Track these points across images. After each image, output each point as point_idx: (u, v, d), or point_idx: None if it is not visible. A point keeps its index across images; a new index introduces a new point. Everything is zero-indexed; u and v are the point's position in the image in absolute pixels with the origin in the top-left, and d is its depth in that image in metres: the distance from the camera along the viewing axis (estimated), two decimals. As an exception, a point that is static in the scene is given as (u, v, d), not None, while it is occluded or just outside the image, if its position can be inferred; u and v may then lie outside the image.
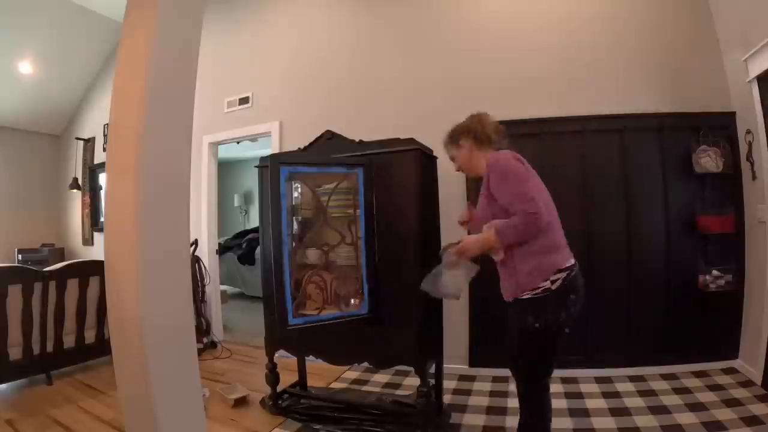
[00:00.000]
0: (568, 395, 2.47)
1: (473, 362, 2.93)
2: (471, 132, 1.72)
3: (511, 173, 1.53)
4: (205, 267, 3.85)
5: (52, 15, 4.32)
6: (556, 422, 2.15)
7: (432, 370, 2.31)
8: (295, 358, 2.66)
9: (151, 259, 1.27)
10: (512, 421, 2.20)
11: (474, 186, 2.93)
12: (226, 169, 7.70)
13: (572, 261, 1.57)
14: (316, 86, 3.49)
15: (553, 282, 1.50)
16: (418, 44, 3.19)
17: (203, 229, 3.94)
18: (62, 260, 4.64)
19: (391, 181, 2.10)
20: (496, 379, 2.77)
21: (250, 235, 6.53)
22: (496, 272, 1.72)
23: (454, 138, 1.78)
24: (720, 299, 2.64)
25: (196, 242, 3.77)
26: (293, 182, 2.17)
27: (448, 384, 2.67)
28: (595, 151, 2.79)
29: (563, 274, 1.51)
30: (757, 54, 2.35)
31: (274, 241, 2.01)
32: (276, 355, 2.48)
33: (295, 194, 2.23)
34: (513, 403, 2.41)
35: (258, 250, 5.55)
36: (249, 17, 3.91)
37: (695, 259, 2.68)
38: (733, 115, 2.67)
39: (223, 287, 5.08)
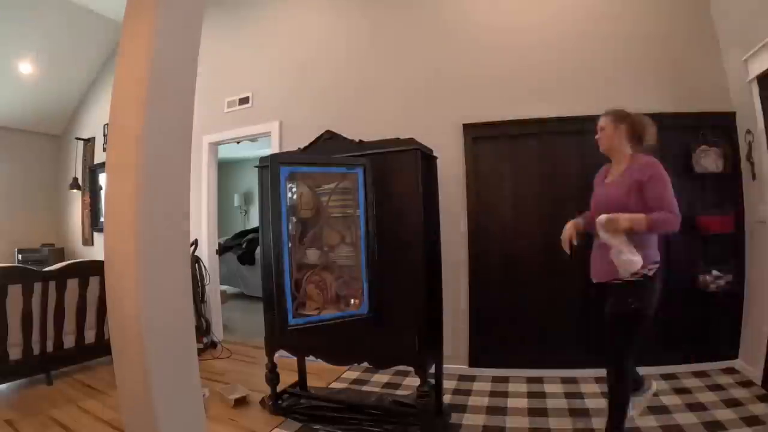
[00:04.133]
0: (568, 395, 2.47)
1: (473, 362, 2.93)
2: (632, 124, 1.89)
3: (668, 181, 1.80)
4: (205, 267, 3.85)
5: (52, 15, 4.32)
6: (555, 422, 2.16)
7: (432, 370, 2.31)
8: (295, 358, 2.66)
9: (151, 259, 1.27)
10: (512, 421, 2.20)
11: (474, 185, 2.93)
12: (226, 169, 7.70)
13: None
14: (316, 86, 3.49)
15: (650, 269, 1.77)
16: (418, 45, 3.19)
17: (203, 229, 3.94)
18: (62, 260, 4.64)
19: (391, 181, 2.11)
20: (496, 379, 2.77)
21: (250, 235, 6.53)
22: (495, 273, 1.81)
23: (617, 117, 1.92)
24: (720, 299, 2.64)
25: (196, 242, 3.77)
26: (293, 182, 2.17)
27: (448, 384, 2.67)
28: (595, 151, 2.76)
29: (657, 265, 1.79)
30: (757, 54, 2.35)
31: (274, 241, 2.01)
32: (276, 355, 2.48)
33: (294, 194, 2.23)
34: (513, 403, 2.41)
35: (258, 250, 5.55)
36: (249, 17, 3.91)
37: (695, 259, 2.68)
38: (733, 115, 2.67)
39: (223, 287, 5.08)
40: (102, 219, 5.05)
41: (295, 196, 2.19)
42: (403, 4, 3.27)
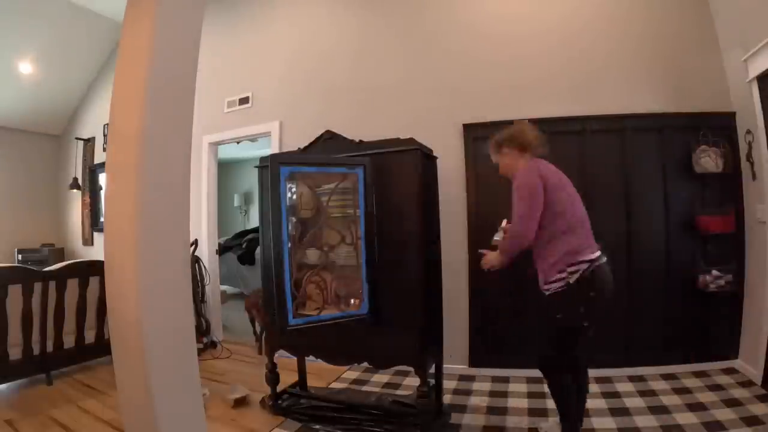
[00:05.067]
0: (568, 395, 2.47)
1: (473, 362, 2.93)
2: (514, 140, 1.89)
3: (523, 190, 1.75)
4: (205, 267, 3.85)
5: (52, 15, 4.32)
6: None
7: (432, 370, 2.31)
8: (295, 358, 2.66)
9: (151, 259, 1.27)
10: (512, 422, 2.20)
11: (474, 185, 2.94)
12: (226, 169, 7.70)
13: (591, 256, 1.72)
14: (316, 86, 3.49)
15: (571, 274, 1.69)
16: (418, 44, 3.19)
17: (203, 229, 3.94)
18: (62, 260, 4.64)
19: (391, 181, 2.11)
20: (495, 379, 2.77)
21: (250, 235, 6.52)
22: (495, 273, 1.95)
23: (497, 146, 1.96)
24: (720, 299, 2.64)
25: (196, 242, 3.77)
26: (293, 182, 2.17)
27: (448, 384, 2.67)
28: (595, 151, 2.79)
29: (581, 267, 1.69)
30: (757, 54, 2.35)
31: (274, 241, 2.01)
32: (276, 355, 2.48)
33: (294, 194, 2.23)
34: (513, 403, 2.41)
35: (258, 250, 5.54)
36: (249, 17, 3.91)
37: (695, 259, 2.68)
38: (733, 115, 2.67)
39: (223, 287, 5.08)
40: (102, 219, 5.05)
41: (295, 196, 2.19)
42: (404, 4, 3.27)
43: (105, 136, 4.95)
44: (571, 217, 1.77)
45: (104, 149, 4.76)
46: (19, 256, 5.29)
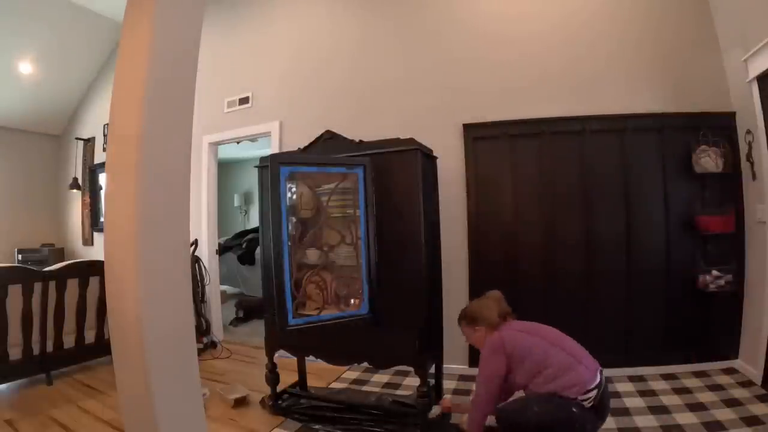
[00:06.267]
0: (568, 395, 2.47)
1: (473, 362, 2.92)
2: (485, 321, 1.98)
3: (487, 359, 1.89)
4: (205, 267, 3.85)
5: (53, 15, 4.32)
6: (556, 422, 2.15)
7: (432, 370, 2.31)
8: (295, 358, 2.66)
9: (151, 259, 1.27)
10: (512, 421, 2.20)
11: (474, 185, 2.94)
12: (226, 169, 7.70)
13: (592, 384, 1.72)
14: (316, 86, 3.49)
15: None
16: (418, 44, 3.19)
17: (203, 229, 3.94)
18: (62, 260, 4.64)
19: (391, 181, 2.11)
20: (496, 379, 2.77)
21: (250, 235, 6.52)
22: (495, 273, 1.86)
23: (471, 322, 2.03)
24: (720, 299, 2.64)
25: (196, 242, 3.77)
26: (293, 182, 2.17)
27: (448, 384, 2.67)
28: (595, 151, 2.79)
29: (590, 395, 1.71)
30: (757, 54, 2.35)
31: (274, 242, 2.01)
32: (276, 355, 2.48)
33: (294, 194, 2.23)
34: (513, 403, 2.41)
35: (258, 250, 5.54)
36: (249, 17, 3.91)
37: (695, 259, 2.68)
38: (733, 115, 2.67)
39: (223, 287, 5.08)
40: (102, 219, 5.05)
41: (295, 196, 2.19)
42: (404, 4, 3.27)
43: (105, 136, 4.96)
44: (556, 364, 1.78)
45: (104, 149, 4.77)
46: (19, 256, 5.29)
